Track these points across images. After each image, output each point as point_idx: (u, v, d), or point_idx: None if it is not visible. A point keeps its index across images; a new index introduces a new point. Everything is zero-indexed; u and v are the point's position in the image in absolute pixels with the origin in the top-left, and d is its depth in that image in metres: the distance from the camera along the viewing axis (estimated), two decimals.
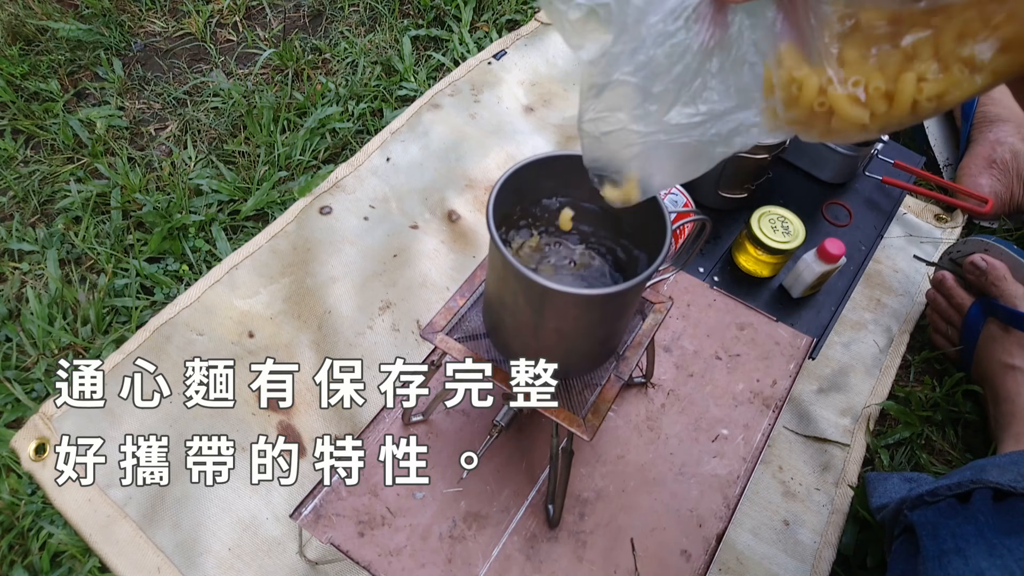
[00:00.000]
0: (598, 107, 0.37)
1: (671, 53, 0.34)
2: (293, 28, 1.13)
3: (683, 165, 0.38)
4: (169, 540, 0.66)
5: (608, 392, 0.55)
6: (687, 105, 0.35)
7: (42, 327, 0.77)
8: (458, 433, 0.70)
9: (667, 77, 0.34)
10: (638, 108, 0.36)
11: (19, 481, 0.68)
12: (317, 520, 0.64)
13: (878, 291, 0.90)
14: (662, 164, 0.38)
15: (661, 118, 0.36)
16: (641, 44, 0.34)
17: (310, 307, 0.81)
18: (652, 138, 0.37)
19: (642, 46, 0.34)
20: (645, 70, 0.35)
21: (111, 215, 0.87)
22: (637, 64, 0.35)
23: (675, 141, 0.36)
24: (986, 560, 0.51)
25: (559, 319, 0.48)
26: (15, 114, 0.96)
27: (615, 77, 0.36)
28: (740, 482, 0.70)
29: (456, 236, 0.89)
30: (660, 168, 0.38)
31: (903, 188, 0.97)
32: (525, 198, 0.52)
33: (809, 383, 0.81)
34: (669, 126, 0.36)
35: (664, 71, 0.34)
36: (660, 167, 0.38)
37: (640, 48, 0.34)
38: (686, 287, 0.83)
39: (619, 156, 0.39)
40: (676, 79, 0.34)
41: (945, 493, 0.58)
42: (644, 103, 0.36)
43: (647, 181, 0.39)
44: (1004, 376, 0.75)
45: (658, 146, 0.36)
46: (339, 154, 0.98)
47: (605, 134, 0.38)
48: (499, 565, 0.64)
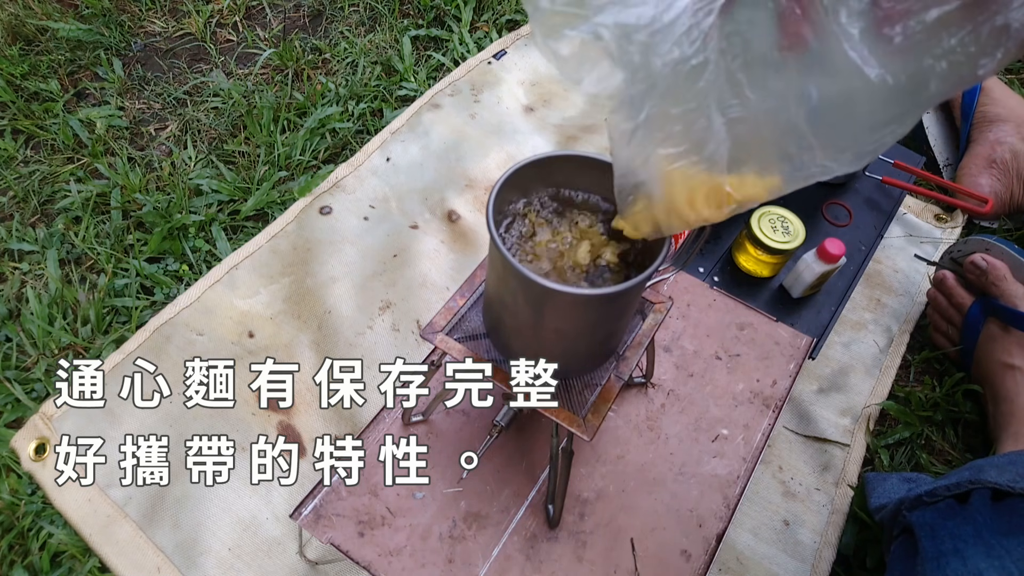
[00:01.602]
0: (632, 150, 0.38)
1: (691, 74, 0.33)
2: (293, 28, 1.13)
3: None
4: (169, 540, 0.66)
5: (608, 392, 0.55)
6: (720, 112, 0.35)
7: (42, 327, 0.77)
8: (458, 433, 0.70)
9: (689, 94, 0.34)
10: (663, 130, 0.36)
11: (19, 481, 0.68)
12: (317, 520, 0.64)
13: (878, 291, 0.91)
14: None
15: (689, 137, 0.36)
16: (657, 78, 0.34)
17: (310, 307, 0.81)
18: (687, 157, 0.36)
19: (659, 80, 0.34)
20: (666, 98, 0.35)
21: (111, 215, 0.87)
22: (658, 97, 0.35)
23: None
24: (984, 561, 0.50)
25: (559, 319, 0.48)
26: (15, 114, 0.96)
27: (641, 119, 0.35)
28: (740, 482, 0.70)
29: (456, 236, 0.89)
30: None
31: (903, 188, 0.97)
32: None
33: (809, 383, 0.81)
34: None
35: (686, 90, 0.34)
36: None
37: (657, 83, 0.34)
38: (686, 287, 0.83)
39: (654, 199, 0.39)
40: (701, 92, 0.34)
41: (944, 494, 0.58)
42: (667, 125, 0.36)
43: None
44: (1004, 376, 0.75)
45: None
46: (339, 154, 0.98)
47: (638, 172, 0.39)
48: (499, 565, 0.64)
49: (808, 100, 0.33)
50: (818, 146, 0.34)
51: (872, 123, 0.33)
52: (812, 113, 0.33)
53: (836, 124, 0.34)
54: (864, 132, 0.34)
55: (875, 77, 0.30)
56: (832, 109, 0.33)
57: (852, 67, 0.30)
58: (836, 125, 0.34)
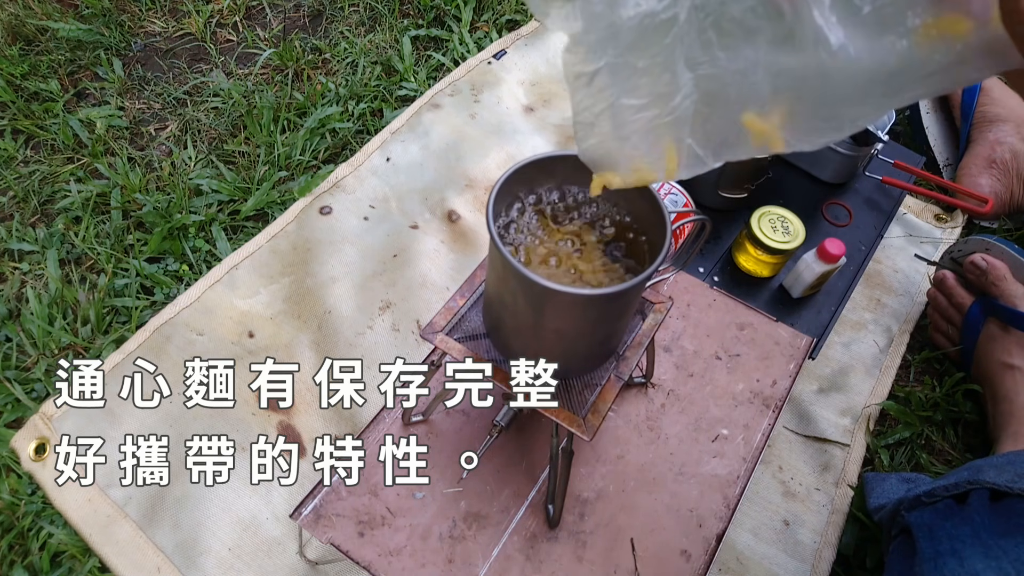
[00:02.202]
0: (591, 93, 0.37)
1: (659, 28, 0.33)
2: (293, 28, 1.13)
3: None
4: (169, 540, 0.66)
5: (608, 392, 0.55)
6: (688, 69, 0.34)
7: (42, 327, 0.77)
8: (458, 433, 0.70)
9: (656, 47, 0.34)
10: (628, 81, 0.36)
11: (19, 481, 0.68)
12: (317, 520, 0.64)
13: (878, 291, 0.91)
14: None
15: (654, 90, 0.35)
16: (621, 30, 0.34)
17: (310, 307, 0.81)
18: (648, 113, 0.36)
19: (623, 31, 0.34)
20: (632, 51, 0.34)
21: (111, 215, 0.87)
22: (623, 48, 0.34)
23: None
24: (981, 562, 0.50)
25: (559, 319, 0.48)
26: (15, 114, 0.96)
27: (602, 65, 0.35)
28: (740, 482, 0.70)
29: (456, 236, 0.89)
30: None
31: (903, 188, 0.97)
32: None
33: (809, 383, 0.81)
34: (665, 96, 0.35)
35: (652, 44, 0.34)
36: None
37: (620, 33, 0.34)
38: (686, 287, 0.83)
39: (612, 139, 0.39)
40: (668, 48, 0.34)
41: (942, 494, 0.58)
42: (632, 77, 0.35)
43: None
44: (1003, 375, 0.75)
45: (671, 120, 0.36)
46: (339, 154, 0.98)
47: (598, 115, 0.38)
48: (499, 565, 0.64)
49: (773, 66, 0.32)
50: (774, 116, 0.34)
51: (832, 99, 0.32)
52: (776, 79, 0.33)
53: (797, 97, 0.33)
54: (821, 108, 0.33)
55: (836, 45, 0.29)
56: (795, 79, 0.32)
57: (818, 33, 0.29)
58: (796, 98, 0.33)
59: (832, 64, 0.30)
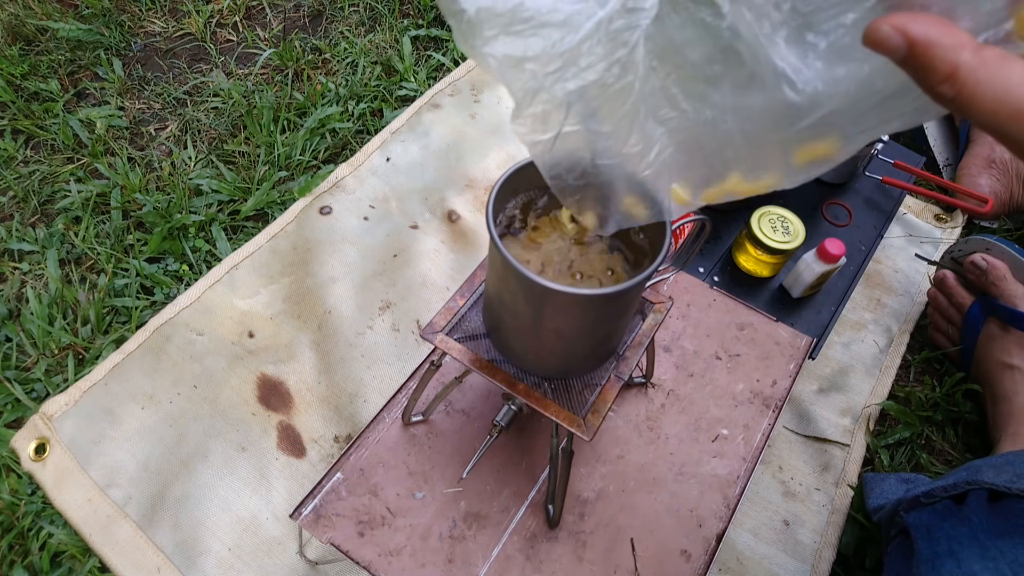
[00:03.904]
0: (557, 157, 0.37)
1: (617, 96, 0.33)
2: (293, 28, 1.13)
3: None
4: (169, 540, 0.66)
5: (608, 392, 0.55)
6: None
7: (42, 327, 0.77)
8: (458, 433, 0.70)
9: (619, 113, 0.33)
10: (597, 144, 0.35)
11: (19, 481, 0.68)
12: (317, 520, 0.64)
13: (878, 291, 0.91)
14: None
15: (626, 150, 0.35)
16: (567, 102, 0.33)
17: (310, 307, 0.81)
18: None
19: (572, 103, 0.33)
20: (592, 119, 0.34)
21: (111, 215, 0.87)
22: (577, 116, 0.34)
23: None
24: (979, 563, 0.50)
25: (559, 319, 0.48)
26: (15, 114, 0.96)
27: (561, 131, 0.35)
28: (740, 482, 0.70)
29: (456, 236, 0.89)
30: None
31: (903, 188, 0.97)
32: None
33: (809, 383, 0.81)
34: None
35: (613, 110, 0.33)
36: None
37: (570, 104, 0.33)
38: (686, 287, 0.83)
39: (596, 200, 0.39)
40: (629, 113, 0.33)
41: (941, 494, 0.58)
42: (600, 140, 0.35)
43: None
44: (1003, 375, 0.75)
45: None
46: (339, 154, 0.98)
47: (576, 178, 0.38)
48: (499, 565, 0.64)
49: (741, 111, 0.32)
50: (746, 158, 0.34)
51: (800, 137, 0.31)
52: (745, 124, 0.32)
53: (766, 139, 0.32)
54: (793, 146, 0.32)
55: (802, 84, 0.29)
56: (764, 121, 0.32)
57: (781, 76, 0.29)
58: (765, 140, 0.33)
59: (800, 101, 0.29)
